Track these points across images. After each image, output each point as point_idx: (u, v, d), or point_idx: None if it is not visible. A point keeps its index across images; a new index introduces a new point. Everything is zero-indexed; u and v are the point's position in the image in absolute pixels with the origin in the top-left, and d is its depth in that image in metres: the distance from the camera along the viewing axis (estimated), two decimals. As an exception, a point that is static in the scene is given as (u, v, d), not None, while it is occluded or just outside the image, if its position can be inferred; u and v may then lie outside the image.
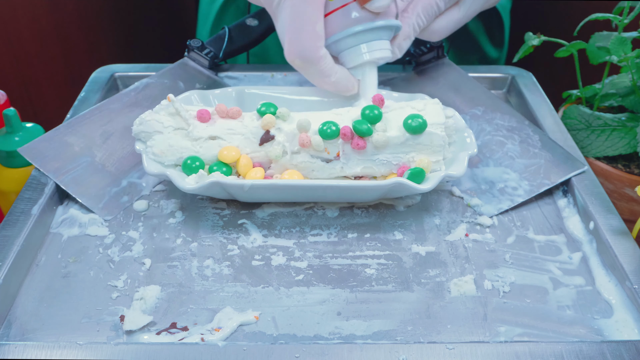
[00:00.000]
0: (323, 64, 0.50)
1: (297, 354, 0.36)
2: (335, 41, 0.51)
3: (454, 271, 0.44)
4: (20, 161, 0.57)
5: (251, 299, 0.41)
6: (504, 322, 0.40)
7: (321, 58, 0.50)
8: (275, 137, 0.48)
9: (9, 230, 0.44)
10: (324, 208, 0.49)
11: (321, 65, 0.50)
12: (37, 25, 0.91)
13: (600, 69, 0.64)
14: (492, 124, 0.56)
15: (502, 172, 0.52)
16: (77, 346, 0.36)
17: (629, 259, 0.42)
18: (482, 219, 0.48)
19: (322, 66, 0.50)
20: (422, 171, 0.46)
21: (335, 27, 0.50)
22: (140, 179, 0.51)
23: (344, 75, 0.52)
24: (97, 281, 0.42)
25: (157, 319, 0.40)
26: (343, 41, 0.51)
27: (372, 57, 0.52)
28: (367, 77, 0.53)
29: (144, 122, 0.48)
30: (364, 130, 0.46)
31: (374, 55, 0.52)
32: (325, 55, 0.50)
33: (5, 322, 0.39)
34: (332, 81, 0.52)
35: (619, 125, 0.57)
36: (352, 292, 0.42)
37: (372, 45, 0.51)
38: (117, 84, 0.65)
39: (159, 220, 0.48)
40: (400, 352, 0.36)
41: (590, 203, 0.47)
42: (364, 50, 0.51)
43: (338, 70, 0.51)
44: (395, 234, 0.47)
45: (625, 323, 0.40)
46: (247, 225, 0.47)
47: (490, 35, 0.78)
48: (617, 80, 0.61)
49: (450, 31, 0.57)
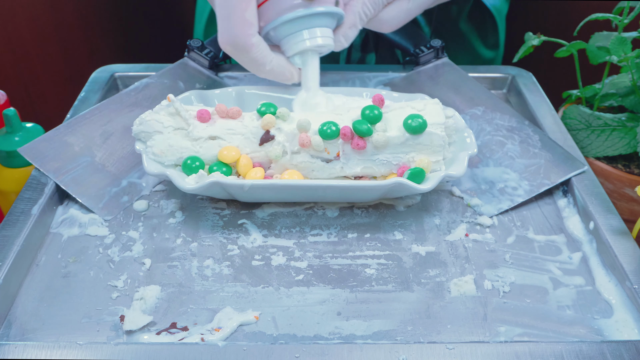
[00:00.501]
0: (255, 52, 0.49)
1: (297, 354, 0.36)
2: (275, 27, 0.50)
3: (454, 271, 0.44)
4: (20, 161, 0.57)
5: (251, 299, 0.41)
6: (504, 322, 0.40)
7: (253, 46, 0.48)
8: (275, 137, 0.48)
9: (9, 230, 0.44)
10: (324, 208, 0.49)
11: (253, 53, 0.49)
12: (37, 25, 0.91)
13: (600, 69, 0.64)
14: (492, 124, 0.56)
15: (502, 172, 0.52)
16: (77, 346, 0.36)
17: (629, 259, 0.42)
18: (482, 219, 0.48)
19: (254, 54, 0.49)
20: (422, 171, 0.46)
21: (275, 13, 0.49)
22: (140, 179, 0.51)
23: (280, 63, 0.51)
24: (97, 281, 0.42)
25: (157, 319, 0.40)
26: (283, 27, 0.50)
27: (313, 43, 0.50)
28: (308, 65, 0.52)
29: (144, 122, 0.48)
30: (364, 130, 0.46)
31: (315, 42, 0.50)
32: (257, 43, 0.49)
33: (5, 322, 0.39)
34: (267, 70, 0.50)
35: (619, 125, 0.58)
36: (352, 292, 0.42)
37: (313, 32, 0.50)
38: (117, 84, 0.65)
39: (159, 220, 0.48)
40: (400, 352, 0.36)
41: (590, 203, 0.47)
42: (305, 37, 0.50)
43: (274, 59, 0.50)
44: (395, 234, 0.47)
45: (625, 323, 0.40)
46: (247, 225, 0.47)
47: (483, 38, 0.78)
48: (617, 80, 0.61)
49: (402, 21, 0.55)
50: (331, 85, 0.63)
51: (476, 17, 0.76)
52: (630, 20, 0.57)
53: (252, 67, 0.51)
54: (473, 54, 0.78)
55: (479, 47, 0.78)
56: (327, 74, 0.64)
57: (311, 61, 0.52)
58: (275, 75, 0.51)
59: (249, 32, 0.48)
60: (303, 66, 0.52)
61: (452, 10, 0.73)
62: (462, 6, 0.74)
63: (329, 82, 0.63)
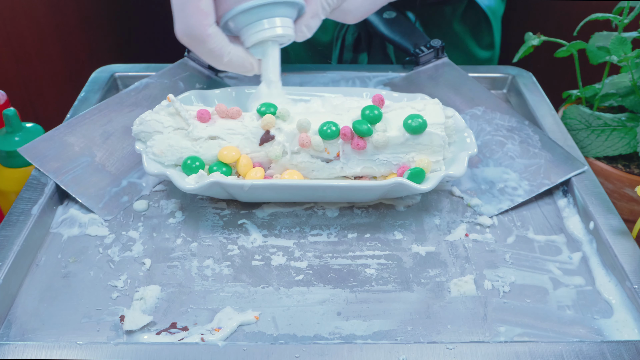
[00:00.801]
0: (212, 43, 0.48)
1: (297, 354, 0.36)
2: (233, 17, 0.49)
3: (454, 271, 0.44)
4: (20, 161, 0.57)
5: (251, 299, 0.41)
6: (504, 322, 0.40)
7: (209, 36, 0.47)
8: (275, 137, 0.48)
9: (9, 230, 0.44)
10: (324, 208, 0.49)
11: (210, 44, 0.48)
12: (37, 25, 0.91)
13: (600, 69, 0.64)
14: (492, 124, 0.56)
15: (502, 172, 0.52)
16: (77, 346, 0.36)
17: (629, 259, 0.42)
18: (482, 219, 0.48)
19: (211, 45, 0.48)
20: (422, 171, 0.46)
21: (233, 2, 0.48)
22: (140, 179, 0.51)
23: (238, 54, 0.50)
24: (97, 281, 0.42)
25: (157, 319, 0.40)
26: (241, 17, 0.49)
27: (273, 33, 0.49)
28: (268, 56, 0.51)
29: (144, 122, 0.48)
30: (364, 131, 0.46)
31: (274, 31, 0.49)
32: (214, 34, 0.48)
33: (5, 322, 0.39)
34: (225, 61, 0.49)
35: (619, 125, 0.58)
36: (352, 292, 0.42)
37: (273, 21, 0.49)
38: (117, 84, 0.65)
39: (159, 220, 0.48)
40: (400, 352, 0.36)
41: (590, 203, 0.47)
42: (264, 26, 0.49)
43: (232, 50, 0.49)
44: (395, 234, 0.47)
45: (625, 323, 0.40)
46: (247, 225, 0.47)
47: (477, 38, 0.78)
48: (617, 80, 0.61)
49: (366, 12, 0.54)
50: (331, 85, 0.63)
51: (470, 17, 0.75)
52: (630, 20, 0.57)
53: (209, 59, 0.50)
54: (468, 55, 0.78)
55: (474, 48, 0.78)
56: (327, 74, 0.64)
57: (271, 52, 0.51)
58: (234, 67, 0.50)
59: (204, 23, 0.47)
60: (263, 57, 0.51)
61: (445, 11, 0.73)
62: (456, 7, 0.74)
63: (329, 82, 0.63)
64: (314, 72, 0.64)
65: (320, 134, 0.46)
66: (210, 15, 0.47)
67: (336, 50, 0.74)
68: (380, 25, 0.66)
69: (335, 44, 0.74)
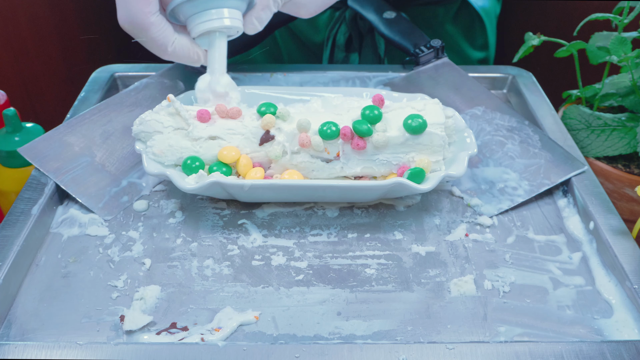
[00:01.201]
0: (155, 32, 0.47)
1: (297, 354, 0.36)
2: (179, 5, 0.48)
3: (454, 271, 0.44)
4: (20, 161, 0.57)
5: (251, 299, 0.41)
6: (504, 322, 0.40)
7: (152, 25, 0.46)
8: (275, 137, 0.48)
9: (9, 230, 0.44)
10: (324, 208, 0.49)
11: (152, 33, 0.47)
12: (37, 25, 0.91)
13: (600, 69, 0.64)
14: (492, 124, 0.56)
15: (502, 172, 0.52)
16: (77, 346, 0.36)
17: (629, 259, 0.42)
18: (482, 219, 0.48)
19: (153, 34, 0.47)
20: (422, 171, 0.46)
21: None
22: (140, 179, 0.51)
23: (183, 45, 0.49)
24: (97, 281, 0.42)
25: (157, 319, 0.40)
26: (187, 5, 0.47)
27: (220, 24, 0.48)
28: (215, 47, 0.50)
29: (144, 122, 0.48)
30: (364, 131, 0.46)
31: (222, 22, 0.48)
32: (157, 22, 0.47)
33: (5, 322, 0.39)
34: (169, 51, 0.48)
35: (619, 125, 0.57)
36: (352, 292, 0.42)
37: (221, 12, 0.48)
38: (117, 84, 0.65)
39: (159, 220, 0.48)
40: (400, 352, 0.36)
41: (590, 203, 0.47)
42: (212, 16, 0.48)
43: (176, 39, 0.48)
44: (395, 234, 0.47)
45: (625, 323, 0.40)
46: (247, 225, 0.47)
47: (470, 39, 0.78)
48: (617, 80, 0.61)
49: (320, 6, 0.53)
50: (331, 85, 0.63)
51: (464, 18, 0.75)
52: (630, 20, 0.57)
53: (153, 48, 0.49)
54: (461, 56, 0.78)
55: (467, 49, 0.78)
56: (328, 74, 0.64)
57: (218, 43, 0.50)
58: (179, 57, 0.49)
59: (146, 10, 0.46)
60: (209, 48, 0.50)
61: (438, 12, 0.73)
62: (449, 8, 0.73)
63: (329, 82, 0.63)
64: (314, 72, 0.64)
65: (320, 134, 0.46)
66: (153, 3, 0.46)
67: (327, 50, 0.74)
68: (380, 25, 0.66)
69: (326, 44, 0.74)
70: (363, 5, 0.68)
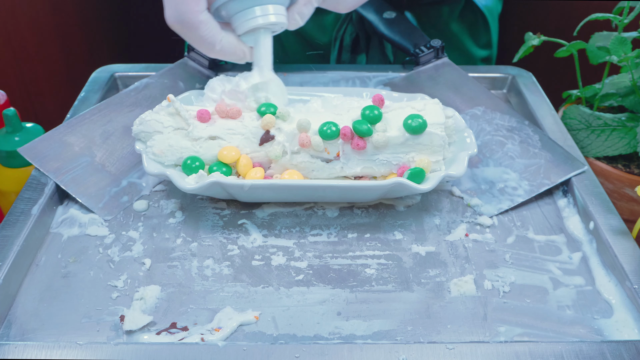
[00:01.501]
0: (204, 30, 0.47)
1: (297, 354, 0.36)
2: (225, 3, 0.48)
3: (454, 271, 0.44)
4: (20, 161, 0.57)
5: (251, 299, 0.41)
6: (504, 322, 0.40)
7: (201, 23, 0.46)
8: (275, 137, 0.48)
9: (9, 230, 0.44)
10: (324, 208, 0.49)
11: (202, 31, 0.47)
12: (37, 25, 0.91)
13: (600, 69, 0.64)
14: (492, 124, 0.56)
15: (502, 172, 0.52)
16: (77, 346, 0.36)
17: (629, 259, 0.42)
18: (482, 219, 0.48)
19: (202, 32, 0.47)
20: (422, 171, 0.46)
21: None
22: (140, 179, 0.51)
23: (230, 42, 0.49)
24: (97, 281, 0.42)
25: (157, 319, 0.40)
26: (233, 4, 0.47)
27: (266, 21, 0.48)
28: (260, 44, 0.50)
29: (144, 122, 0.48)
30: (364, 131, 0.46)
31: (267, 19, 0.48)
32: (206, 21, 0.47)
33: (5, 322, 0.39)
34: (217, 49, 0.49)
35: (619, 125, 0.58)
36: (352, 292, 0.42)
37: (266, 8, 0.48)
38: (117, 84, 0.65)
39: (159, 220, 0.48)
40: (400, 352, 0.36)
41: (590, 203, 0.47)
42: (257, 14, 0.48)
43: (223, 37, 0.48)
44: (395, 234, 0.47)
45: (625, 323, 0.40)
46: (247, 225, 0.47)
47: (475, 38, 0.78)
48: (617, 80, 0.61)
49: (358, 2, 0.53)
50: (331, 85, 0.63)
51: (468, 17, 0.75)
52: (630, 20, 0.57)
53: (201, 46, 0.49)
54: (465, 54, 0.78)
55: (471, 47, 0.78)
56: (328, 74, 0.64)
57: (263, 40, 0.50)
58: (226, 55, 0.50)
59: (196, 9, 0.46)
60: (255, 45, 0.50)
61: (443, 11, 0.73)
62: (453, 7, 0.74)
63: (329, 82, 0.63)
64: (314, 72, 0.64)
65: (320, 134, 0.46)
66: (202, 2, 0.46)
67: (334, 51, 0.74)
68: (380, 25, 0.66)
69: (333, 45, 0.74)
70: (363, 5, 0.68)
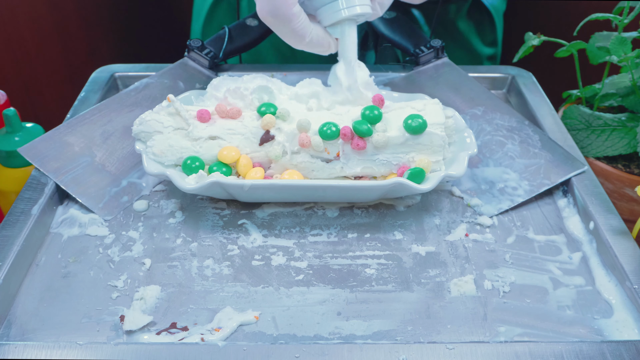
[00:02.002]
0: (296, 23, 0.47)
1: (297, 354, 0.36)
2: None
3: (454, 271, 0.44)
4: (20, 161, 0.57)
5: (251, 299, 0.41)
6: (504, 322, 0.40)
7: (294, 16, 0.47)
8: (275, 137, 0.48)
9: (9, 230, 0.44)
10: (324, 208, 0.49)
11: (294, 24, 0.47)
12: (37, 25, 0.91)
13: (600, 69, 0.64)
14: (492, 124, 0.56)
15: (502, 172, 0.52)
16: (77, 346, 0.36)
17: (629, 259, 0.42)
18: (482, 219, 0.48)
19: (295, 25, 0.47)
20: (422, 171, 0.46)
21: None
22: (140, 179, 0.51)
23: (319, 34, 0.49)
24: (97, 281, 0.42)
25: (157, 319, 0.40)
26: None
27: (351, 13, 0.48)
28: (346, 36, 0.50)
29: (144, 122, 0.48)
30: (364, 131, 0.46)
31: (352, 11, 0.48)
32: (298, 13, 0.47)
33: (5, 322, 0.39)
34: (306, 41, 0.49)
35: (619, 125, 0.57)
36: (352, 292, 0.42)
37: (351, 0, 0.48)
38: (117, 84, 0.65)
39: (159, 220, 0.48)
40: (400, 352, 0.36)
41: (590, 203, 0.47)
42: (341, 6, 0.48)
43: (313, 30, 0.49)
44: (395, 234, 0.47)
45: (625, 323, 0.40)
46: (247, 225, 0.47)
47: (481, 36, 0.78)
48: (617, 80, 0.61)
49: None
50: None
51: (475, 15, 0.76)
52: (630, 20, 0.57)
53: (291, 39, 0.49)
54: (472, 52, 0.78)
55: (478, 45, 0.78)
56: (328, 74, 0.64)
57: (349, 31, 0.50)
58: (314, 46, 0.50)
59: (290, 2, 0.46)
60: (341, 36, 0.51)
61: (450, 9, 0.74)
62: (461, 5, 0.74)
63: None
64: (314, 72, 0.64)
65: (320, 134, 0.46)
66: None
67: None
68: (380, 25, 0.66)
69: None
70: None
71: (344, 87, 0.51)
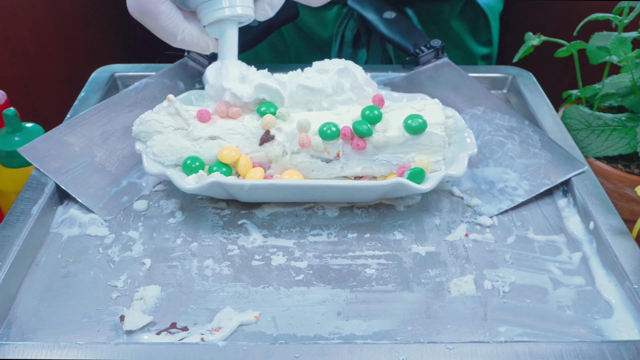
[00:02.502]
0: (164, 20, 0.47)
1: (297, 354, 0.36)
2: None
3: (454, 271, 0.44)
4: (20, 161, 0.57)
5: (251, 299, 0.41)
6: (504, 322, 0.40)
7: (161, 13, 0.46)
8: (275, 137, 0.48)
9: (9, 230, 0.44)
10: (324, 208, 0.49)
11: (162, 22, 0.47)
12: (37, 25, 0.91)
13: (600, 69, 0.64)
14: (492, 124, 0.56)
15: (502, 172, 0.52)
16: (77, 346, 0.36)
17: (629, 259, 0.42)
18: (482, 219, 0.48)
19: (163, 22, 0.47)
20: (422, 171, 0.46)
21: None
22: (140, 179, 0.51)
23: (193, 33, 0.49)
24: (97, 281, 0.42)
25: (157, 319, 0.40)
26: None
27: (232, 13, 0.47)
28: (225, 36, 0.49)
29: (144, 122, 0.48)
30: (364, 131, 0.46)
31: (234, 11, 0.47)
32: (166, 11, 0.47)
33: (5, 322, 0.39)
34: (178, 40, 0.48)
35: (619, 125, 0.57)
36: (352, 292, 0.42)
37: (230, 0, 0.47)
38: (117, 84, 0.65)
39: (159, 220, 0.48)
40: (400, 352, 0.36)
41: (590, 203, 0.47)
42: (223, 5, 0.47)
43: (186, 28, 0.48)
44: (395, 234, 0.47)
45: (625, 323, 0.40)
46: (247, 225, 0.47)
47: (475, 36, 0.78)
48: (617, 80, 0.61)
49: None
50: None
51: (469, 15, 0.76)
52: (630, 20, 0.57)
53: (163, 36, 0.49)
54: (466, 52, 0.78)
55: (472, 44, 0.78)
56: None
57: (229, 31, 0.49)
58: (188, 45, 0.49)
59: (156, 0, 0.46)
60: (220, 37, 0.49)
61: (444, 8, 0.74)
62: (454, 4, 0.74)
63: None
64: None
65: (320, 135, 0.46)
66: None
67: (335, 46, 0.74)
68: (380, 25, 0.66)
69: (334, 40, 0.74)
70: (363, 5, 0.68)
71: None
